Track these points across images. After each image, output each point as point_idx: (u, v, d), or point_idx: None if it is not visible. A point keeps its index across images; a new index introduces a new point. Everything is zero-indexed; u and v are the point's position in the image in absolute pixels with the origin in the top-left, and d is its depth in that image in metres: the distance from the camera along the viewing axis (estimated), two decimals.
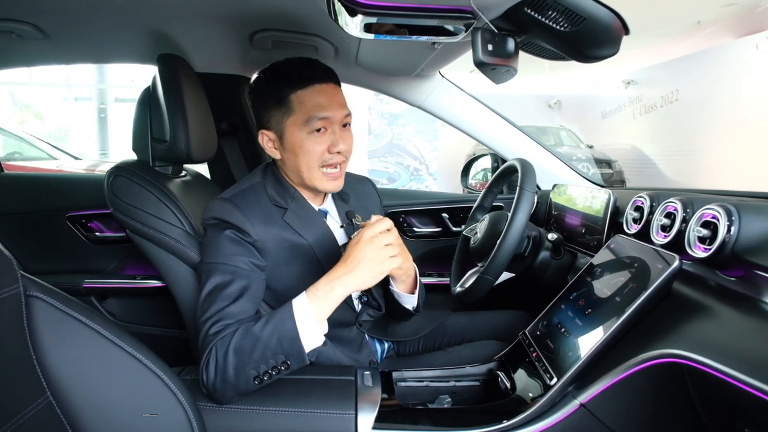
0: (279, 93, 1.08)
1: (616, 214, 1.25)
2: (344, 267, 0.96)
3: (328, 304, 0.96)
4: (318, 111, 1.06)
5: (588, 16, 0.86)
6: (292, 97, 1.07)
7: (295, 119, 1.07)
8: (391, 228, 0.99)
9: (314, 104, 1.06)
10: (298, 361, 0.94)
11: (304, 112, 1.06)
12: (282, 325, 0.93)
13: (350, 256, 0.96)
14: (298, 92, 1.06)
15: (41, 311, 0.69)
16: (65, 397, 0.70)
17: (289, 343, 0.92)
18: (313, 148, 1.07)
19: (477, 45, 0.92)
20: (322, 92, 1.08)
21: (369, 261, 0.95)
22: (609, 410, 0.88)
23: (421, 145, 8.27)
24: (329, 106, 1.07)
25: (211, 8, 1.26)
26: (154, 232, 1.22)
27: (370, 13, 0.91)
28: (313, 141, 1.07)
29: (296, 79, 1.07)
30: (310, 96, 1.07)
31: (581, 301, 1.04)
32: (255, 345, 0.91)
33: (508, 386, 1.04)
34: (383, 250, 0.96)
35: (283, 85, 1.07)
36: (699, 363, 0.70)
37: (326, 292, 0.95)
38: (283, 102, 1.07)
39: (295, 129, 1.07)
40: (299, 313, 0.94)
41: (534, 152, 1.77)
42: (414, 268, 1.19)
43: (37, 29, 1.35)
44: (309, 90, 1.07)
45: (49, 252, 1.80)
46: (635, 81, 9.34)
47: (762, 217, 0.83)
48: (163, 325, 1.75)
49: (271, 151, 1.13)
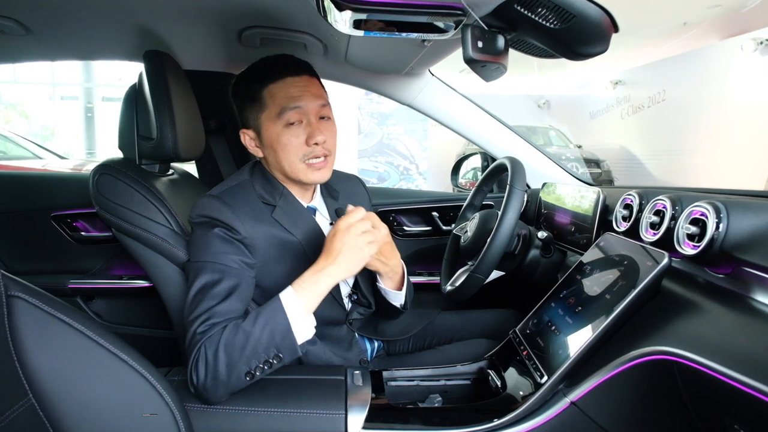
0: (252, 90, 1.08)
1: (606, 212, 1.25)
2: (326, 259, 0.97)
3: (315, 295, 0.96)
4: (289, 102, 1.06)
5: (578, 13, 0.86)
6: (264, 92, 1.07)
7: (268, 114, 1.07)
8: (366, 217, 0.99)
9: (285, 96, 1.07)
10: (291, 354, 0.93)
11: (276, 104, 1.07)
12: (273, 319, 0.93)
13: (330, 247, 0.97)
14: (270, 86, 1.07)
15: (23, 312, 0.67)
16: (48, 400, 0.68)
17: (281, 336, 0.92)
18: (289, 141, 1.07)
19: (467, 42, 0.92)
20: (293, 84, 1.08)
21: (348, 250, 0.96)
22: (599, 408, 0.88)
23: (411, 145, 8.27)
24: (301, 96, 1.07)
25: (199, 4, 1.24)
26: (141, 231, 1.20)
27: (359, 10, 0.90)
28: (288, 134, 1.07)
29: (267, 74, 1.08)
30: (281, 89, 1.07)
31: (571, 299, 1.04)
32: (246, 341, 0.91)
33: (499, 385, 1.04)
34: (360, 237, 0.97)
35: (255, 82, 1.08)
36: (688, 360, 0.70)
37: (312, 283, 0.96)
38: (256, 98, 1.08)
39: (270, 124, 1.07)
40: (289, 307, 0.94)
41: (524, 151, 1.78)
42: (402, 265, 1.19)
43: (19, 25, 1.33)
44: (280, 83, 1.07)
45: (34, 252, 1.77)
46: (623, 81, 9.44)
47: (750, 214, 0.83)
48: (150, 325, 1.73)
49: (253, 150, 1.13)
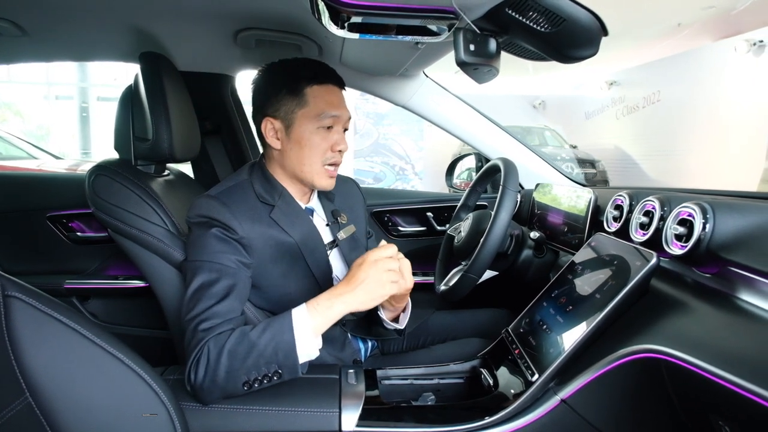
0: (294, 83, 1.10)
1: (597, 212, 1.26)
2: (346, 285, 0.97)
3: (326, 319, 0.96)
4: (331, 108, 1.10)
5: (568, 17, 0.88)
6: (307, 90, 1.10)
7: (307, 111, 1.09)
8: (394, 255, 0.99)
9: (328, 101, 1.10)
10: (291, 373, 0.94)
11: (318, 106, 1.09)
12: (280, 335, 0.93)
13: (353, 276, 0.97)
14: (314, 87, 1.10)
15: (20, 311, 0.68)
16: (45, 399, 0.69)
17: (284, 354, 0.92)
18: (319, 144, 1.11)
19: (459, 45, 0.93)
20: (334, 93, 1.12)
21: (370, 283, 0.96)
22: (589, 405, 0.89)
23: (406, 145, 8.29)
24: (340, 106, 1.12)
25: (195, 6, 1.24)
26: (137, 232, 1.21)
27: (353, 13, 0.91)
28: (320, 136, 1.10)
29: (314, 75, 1.10)
30: (324, 93, 1.10)
31: (563, 299, 1.05)
32: (250, 351, 0.91)
33: (491, 383, 1.05)
34: (385, 274, 0.97)
35: (299, 77, 1.10)
36: (675, 357, 0.71)
37: (326, 307, 0.96)
38: (297, 93, 1.09)
39: (306, 121, 1.10)
40: (298, 325, 0.94)
41: (517, 152, 1.79)
42: (408, 302, 1.20)
43: (15, 26, 1.33)
44: (324, 87, 1.11)
45: (29, 252, 1.77)
46: (618, 82, 9.47)
47: (735, 215, 0.84)
48: (146, 325, 1.73)
49: (271, 140, 1.13)
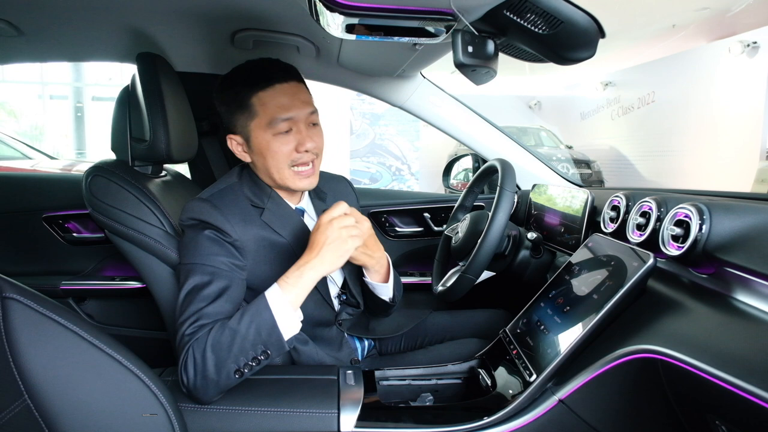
0: (240, 96, 1.07)
1: (594, 213, 1.27)
2: (310, 253, 0.98)
3: (300, 290, 0.97)
4: (281, 112, 1.06)
5: (565, 19, 0.88)
6: (253, 100, 1.06)
7: (258, 122, 1.07)
8: (348, 211, 1.00)
9: (276, 105, 1.06)
10: (278, 349, 0.94)
11: (266, 114, 1.06)
12: (258, 316, 0.94)
13: (313, 241, 0.98)
14: (259, 94, 1.06)
15: (18, 313, 0.68)
16: (43, 400, 0.69)
17: (267, 333, 0.93)
18: (279, 149, 1.07)
19: (457, 46, 0.94)
20: (283, 92, 1.07)
21: (331, 242, 0.97)
22: (587, 405, 0.89)
23: (403, 146, 8.28)
24: (292, 105, 1.07)
25: (192, 7, 1.24)
26: (134, 233, 1.20)
27: (351, 14, 0.91)
28: (279, 142, 1.07)
29: (256, 81, 1.06)
30: (271, 97, 1.06)
31: (560, 299, 1.06)
32: (233, 339, 0.91)
33: (489, 383, 1.06)
34: (343, 230, 0.97)
35: (243, 88, 1.07)
36: (671, 357, 0.72)
37: (296, 278, 0.96)
38: (245, 105, 1.07)
39: (260, 132, 1.07)
40: (274, 303, 0.95)
41: (514, 153, 1.80)
42: (387, 257, 1.20)
43: (11, 26, 1.32)
44: (270, 91, 1.06)
45: (25, 253, 1.76)
46: (613, 83, 9.51)
47: (732, 216, 0.85)
48: (143, 326, 1.73)
49: (241, 155, 1.13)
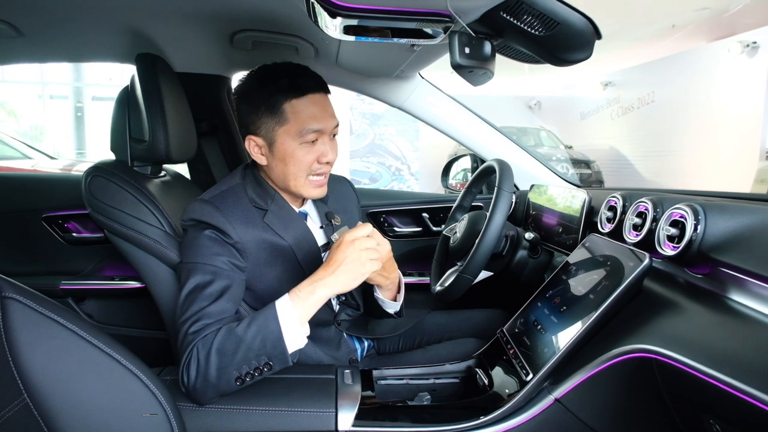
0: (272, 100, 1.05)
1: (591, 213, 1.28)
2: (326, 269, 0.97)
3: (310, 305, 0.96)
4: (312, 123, 1.06)
5: (561, 20, 0.89)
6: (285, 107, 1.05)
7: (288, 129, 1.06)
8: (371, 234, 1.00)
9: (308, 115, 1.05)
10: (281, 363, 0.94)
11: (298, 122, 1.05)
12: (266, 326, 0.93)
13: (332, 259, 0.97)
14: (293, 102, 1.05)
15: (17, 312, 0.68)
16: (43, 399, 0.69)
17: (272, 345, 0.93)
18: (303, 158, 1.08)
19: (454, 48, 0.94)
20: (315, 102, 1.07)
21: (349, 263, 0.96)
22: (583, 405, 0.90)
23: (402, 146, 8.29)
24: (322, 117, 1.07)
25: (191, 8, 1.25)
26: (133, 233, 1.21)
27: (349, 16, 0.92)
28: (304, 151, 1.07)
29: (290, 88, 1.05)
30: (304, 106, 1.06)
31: (557, 299, 1.06)
32: (238, 346, 0.91)
33: (486, 383, 1.06)
34: (363, 252, 0.97)
35: (275, 93, 1.05)
36: (667, 357, 0.72)
37: (309, 293, 0.96)
38: (275, 110, 1.05)
39: (288, 138, 1.06)
40: (283, 315, 0.94)
41: (512, 153, 1.80)
42: (400, 277, 1.20)
43: (11, 27, 1.33)
44: (303, 100, 1.06)
45: (25, 253, 1.76)
46: (613, 83, 9.51)
47: (726, 216, 0.85)
48: (142, 326, 1.73)
49: (257, 157, 1.11)
